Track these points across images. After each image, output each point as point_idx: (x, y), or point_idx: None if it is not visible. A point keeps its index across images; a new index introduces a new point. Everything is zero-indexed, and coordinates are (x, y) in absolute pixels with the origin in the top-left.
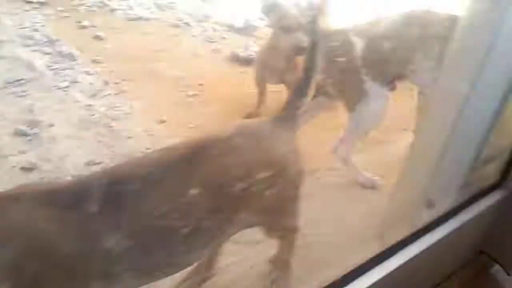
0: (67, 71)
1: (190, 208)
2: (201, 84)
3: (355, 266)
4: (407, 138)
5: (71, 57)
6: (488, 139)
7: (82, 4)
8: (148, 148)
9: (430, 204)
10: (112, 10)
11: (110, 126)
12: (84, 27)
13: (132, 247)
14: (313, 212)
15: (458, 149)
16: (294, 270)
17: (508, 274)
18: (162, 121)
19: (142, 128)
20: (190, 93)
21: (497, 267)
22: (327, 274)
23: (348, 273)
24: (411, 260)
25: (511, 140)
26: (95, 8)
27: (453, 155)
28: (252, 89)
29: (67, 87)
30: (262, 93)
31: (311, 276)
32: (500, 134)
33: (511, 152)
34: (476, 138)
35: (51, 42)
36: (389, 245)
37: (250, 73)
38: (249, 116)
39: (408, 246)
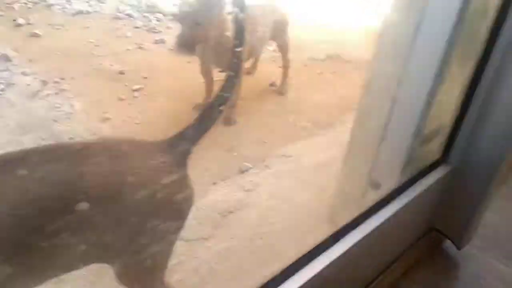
0: (2, 73)
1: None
2: (145, 78)
3: (306, 252)
4: None
5: (6, 58)
6: (426, 116)
7: (16, 1)
8: None
9: (375, 185)
10: (49, 6)
11: (51, 129)
12: (19, 25)
13: None
14: (265, 201)
15: (398, 128)
16: (250, 262)
17: (459, 248)
18: (106, 119)
19: (85, 127)
20: (135, 87)
21: (448, 242)
22: (281, 263)
23: (300, 258)
24: (361, 241)
25: (451, 116)
26: (30, 5)
27: (393, 134)
28: (200, 79)
29: (2, 90)
30: (209, 82)
31: (267, 265)
32: (440, 110)
33: (453, 127)
34: (414, 116)
35: None
36: (339, 228)
37: (197, 62)
38: (198, 107)
39: (358, 227)
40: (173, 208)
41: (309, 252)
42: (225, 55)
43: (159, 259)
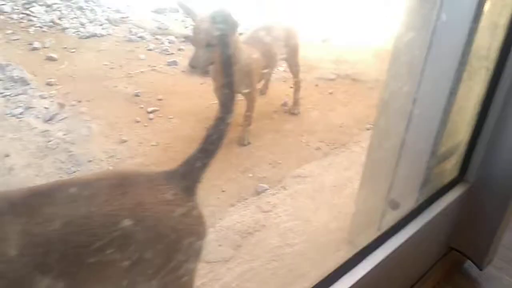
0: (20, 97)
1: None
2: (160, 99)
3: (326, 274)
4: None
5: (23, 81)
6: (442, 134)
7: (31, 26)
8: None
9: (394, 205)
10: (64, 29)
11: (69, 151)
12: (35, 49)
13: None
14: (283, 222)
15: (414, 148)
16: (272, 284)
17: (480, 269)
18: (123, 141)
19: (103, 150)
20: (150, 109)
21: (468, 262)
22: (301, 285)
23: (321, 281)
24: (381, 263)
25: (467, 134)
26: (45, 29)
27: (410, 154)
28: (213, 101)
29: (21, 113)
30: None
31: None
32: (455, 129)
33: (469, 145)
34: (430, 135)
35: (1, 67)
36: (359, 250)
37: (209, 84)
38: None
39: (378, 249)
40: (188, 238)
41: (330, 274)
42: (236, 76)
43: None
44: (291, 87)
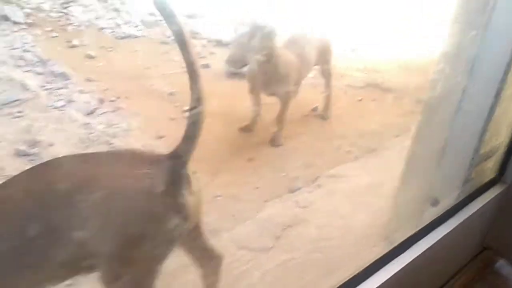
0: (61, 91)
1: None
2: None
3: (364, 267)
4: (401, 144)
5: (64, 76)
6: (484, 135)
7: (69, 24)
8: None
9: (434, 202)
10: (100, 29)
11: (110, 143)
12: (74, 46)
13: None
14: (321, 217)
15: (459, 145)
16: (309, 273)
17: None
18: (161, 137)
19: (142, 143)
20: (185, 108)
21: (502, 261)
22: (339, 276)
23: (357, 274)
24: (417, 259)
25: (506, 136)
26: (82, 28)
27: (454, 151)
28: (245, 102)
29: (63, 106)
30: (257, 105)
31: (326, 278)
32: (495, 131)
33: (508, 147)
34: (476, 133)
35: (42, 62)
36: (396, 245)
37: (241, 87)
38: (246, 128)
39: (414, 245)
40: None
41: (365, 269)
42: (271, 81)
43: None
44: (322, 93)
